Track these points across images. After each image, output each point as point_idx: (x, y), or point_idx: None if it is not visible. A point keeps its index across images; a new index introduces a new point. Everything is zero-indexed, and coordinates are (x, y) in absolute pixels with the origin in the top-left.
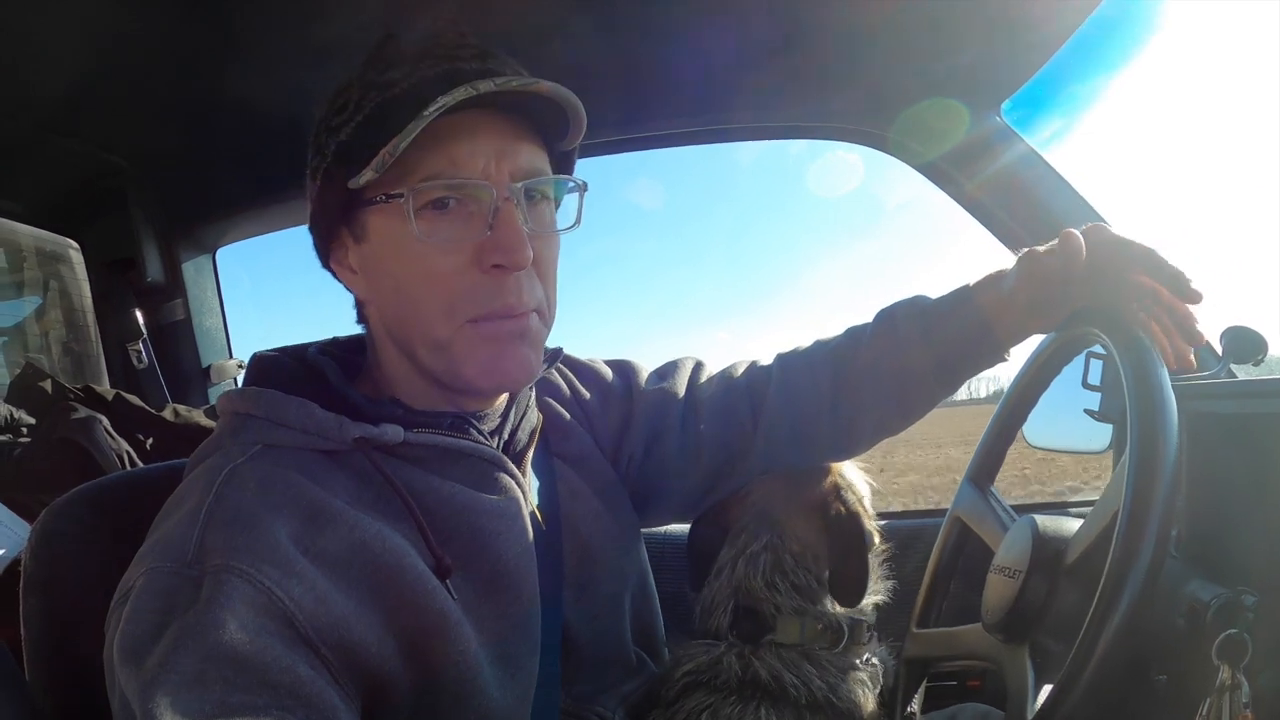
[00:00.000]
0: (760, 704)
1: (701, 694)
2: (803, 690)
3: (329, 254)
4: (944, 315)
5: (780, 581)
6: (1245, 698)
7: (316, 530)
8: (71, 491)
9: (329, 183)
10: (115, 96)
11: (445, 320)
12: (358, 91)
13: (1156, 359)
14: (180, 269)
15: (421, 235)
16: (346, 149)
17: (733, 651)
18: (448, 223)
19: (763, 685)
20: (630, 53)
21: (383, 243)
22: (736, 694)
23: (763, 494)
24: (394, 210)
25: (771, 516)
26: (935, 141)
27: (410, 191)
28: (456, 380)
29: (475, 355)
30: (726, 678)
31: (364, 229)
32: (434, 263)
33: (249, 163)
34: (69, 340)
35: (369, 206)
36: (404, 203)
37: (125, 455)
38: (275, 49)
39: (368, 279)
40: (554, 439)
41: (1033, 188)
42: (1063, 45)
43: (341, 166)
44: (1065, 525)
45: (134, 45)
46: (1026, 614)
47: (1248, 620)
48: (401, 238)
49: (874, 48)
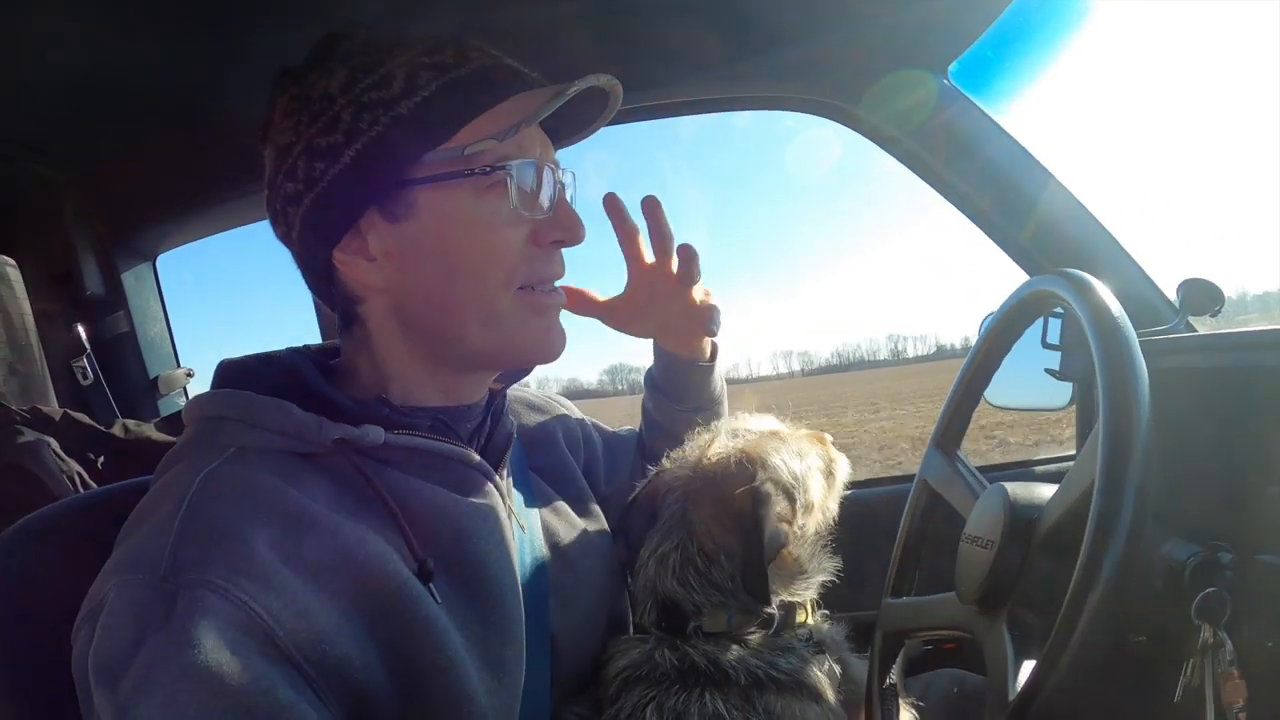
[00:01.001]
0: (704, 690)
1: (641, 688)
2: (741, 670)
3: (336, 243)
4: (665, 392)
5: (693, 579)
6: (1230, 655)
7: (296, 537)
8: (36, 513)
9: (368, 160)
10: (46, 103)
11: (503, 290)
12: (404, 66)
13: (1125, 323)
14: (120, 279)
15: (520, 207)
16: (417, 120)
17: (664, 644)
18: (512, 200)
19: (701, 672)
20: (587, 25)
21: (440, 219)
22: (677, 683)
23: (682, 491)
24: (467, 185)
25: (686, 515)
26: (886, 107)
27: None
28: (507, 354)
29: (528, 326)
30: (664, 669)
31: (411, 208)
32: (504, 237)
33: (187, 165)
34: (13, 361)
35: (428, 184)
36: (505, 175)
37: (76, 477)
38: (215, 50)
39: (401, 261)
40: (531, 451)
41: (979, 145)
42: (1007, 7)
43: (407, 140)
44: (1037, 492)
45: (63, 48)
46: (1001, 585)
47: (1225, 577)
48: (469, 212)
49: (816, 13)
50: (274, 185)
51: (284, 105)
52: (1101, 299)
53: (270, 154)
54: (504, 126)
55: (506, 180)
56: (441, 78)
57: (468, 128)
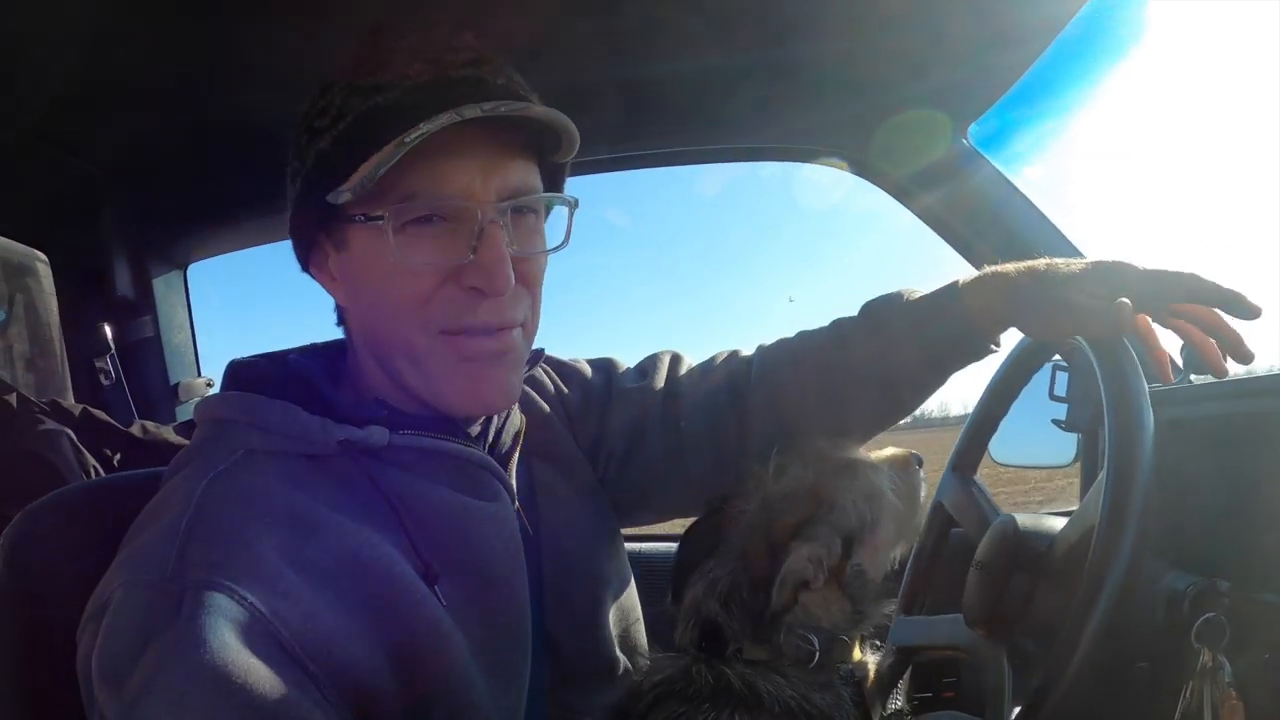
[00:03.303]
0: (735, 711)
1: (674, 703)
2: (775, 698)
3: (309, 259)
4: (932, 314)
5: (735, 607)
6: (1228, 678)
7: (302, 540)
8: (44, 498)
9: (308, 191)
10: (90, 99)
11: (421, 332)
12: (341, 95)
13: (1134, 365)
14: (151, 284)
15: (400, 258)
16: (326, 159)
17: (701, 662)
18: (430, 241)
19: (736, 693)
20: (616, 74)
21: (362, 256)
22: (710, 702)
23: (746, 522)
24: (373, 228)
25: (743, 544)
26: (906, 161)
27: (391, 213)
28: (435, 400)
29: (453, 377)
30: (699, 687)
31: (344, 240)
32: (412, 282)
33: (227, 175)
34: (34, 355)
35: (349, 222)
36: (383, 224)
37: (92, 470)
38: (262, 63)
39: (347, 288)
40: (535, 439)
41: (998, 209)
42: (1028, 69)
43: (321, 177)
44: (1046, 524)
45: (114, 46)
46: (1007, 614)
47: (1224, 604)
48: (381, 254)
49: (842, 74)
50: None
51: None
52: (1112, 340)
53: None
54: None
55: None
56: (364, 104)
57: (361, 167)
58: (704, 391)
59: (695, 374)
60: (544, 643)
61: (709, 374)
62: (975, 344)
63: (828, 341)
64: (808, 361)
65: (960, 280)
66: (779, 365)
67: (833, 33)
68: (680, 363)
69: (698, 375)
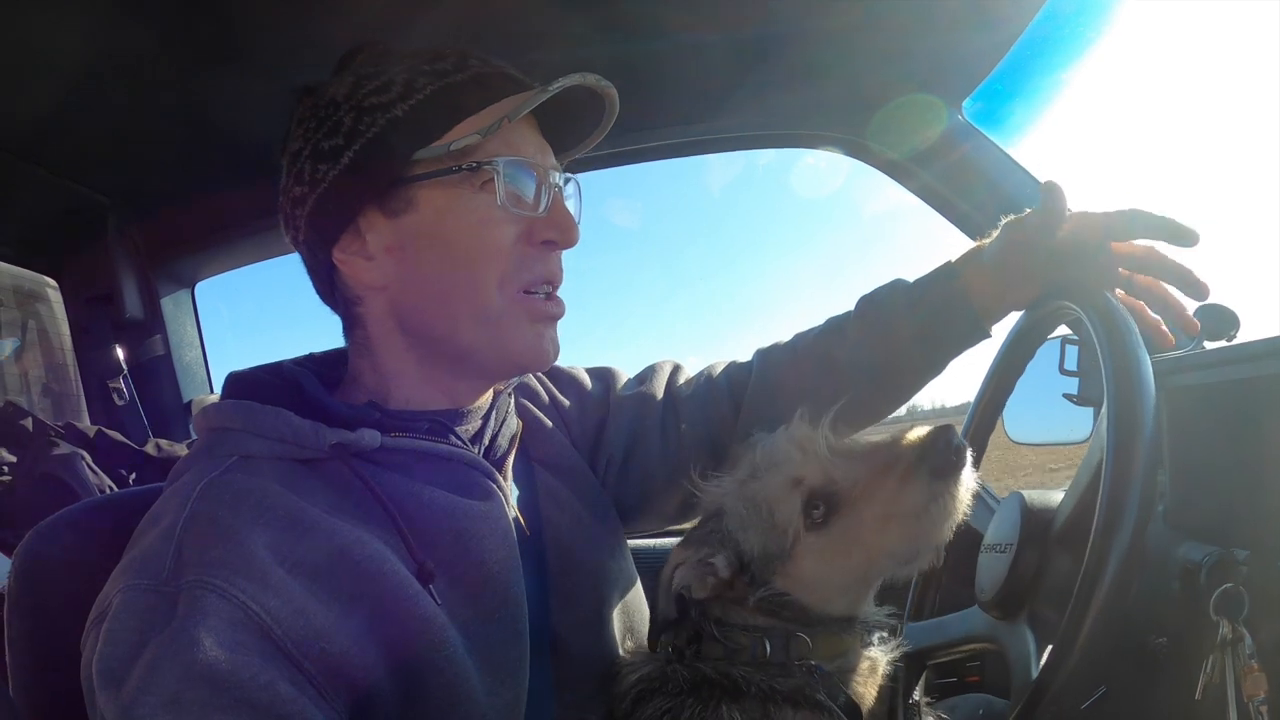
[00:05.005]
0: (720, 701)
1: (659, 700)
2: (750, 683)
3: (337, 242)
4: (926, 288)
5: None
6: (1249, 649)
7: (294, 539)
8: (55, 515)
9: (366, 159)
10: (92, 127)
11: (499, 290)
12: (404, 73)
13: (1129, 321)
14: (159, 304)
15: (506, 203)
16: (412, 121)
17: (674, 661)
18: (509, 196)
19: (715, 683)
20: (612, 62)
21: (436, 211)
22: (692, 695)
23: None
24: (461, 181)
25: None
26: (903, 141)
27: (499, 162)
28: (499, 356)
29: (522, 331)
30: (677, 683)
31: (410, 202)
32: (496, 231)
33: (229, 195)
34: (48, 380)
35: (424, 180)
36: (492, 170)
37: (108, 490)
38: (259, 84)
39: (400, 255)
40: (534, 445)
41: (996, 180)
42: (1018, 40)
43: (405, 138)
44: (1051, 496)
45: (112, 75)
46: (1020, 586)
47: (1242, 574)
48: (464, 207)
49: (834, 53)
50: (285, 191)
51: (298, 115)
52: (1107, 299)
53: (284, 162)
54: (489, 124)
55: (494, 175)
56: (438, 82)
57: (458, 127)
58: (703, 396)
59: (694, 381)
60: (549, 641)
61: (709, 380)
62: (967, 320)
63: (825, 334)
64: (806, 355)
65: (952, 259)
66: (778, 364)
67: (823, 12)
68: (680, 372)
69: (696, 382)
